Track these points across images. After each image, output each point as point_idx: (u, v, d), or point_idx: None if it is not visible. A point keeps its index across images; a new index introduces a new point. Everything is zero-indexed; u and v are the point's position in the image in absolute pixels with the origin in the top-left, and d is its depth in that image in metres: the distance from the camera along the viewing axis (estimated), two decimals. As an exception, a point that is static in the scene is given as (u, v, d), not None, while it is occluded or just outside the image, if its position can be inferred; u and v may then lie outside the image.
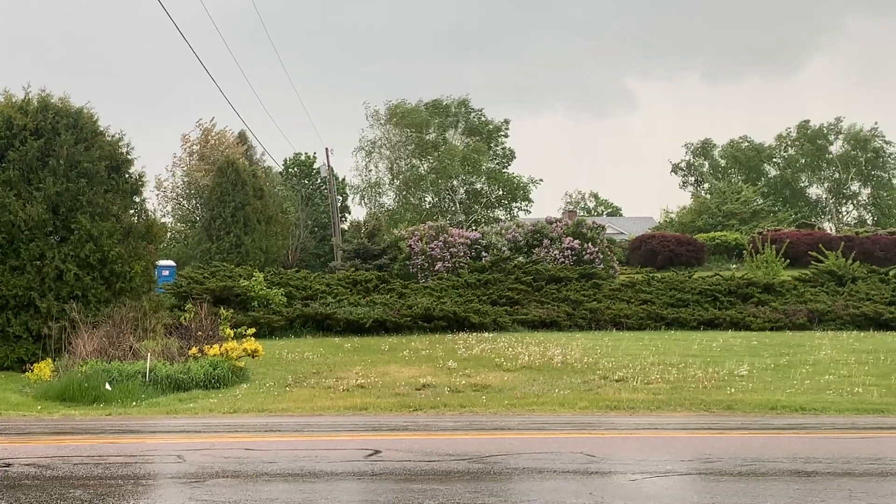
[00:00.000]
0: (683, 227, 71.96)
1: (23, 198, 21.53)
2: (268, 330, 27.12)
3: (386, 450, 10.74)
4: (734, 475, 9.16)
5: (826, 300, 31.41)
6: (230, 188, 49.86)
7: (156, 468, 10.07)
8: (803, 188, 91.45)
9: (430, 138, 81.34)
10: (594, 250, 42.55)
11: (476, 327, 28.30)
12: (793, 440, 12.07)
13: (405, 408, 15.66)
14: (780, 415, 14.74)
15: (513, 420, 14.28)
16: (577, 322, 29.52)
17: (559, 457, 10.27)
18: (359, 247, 46.35)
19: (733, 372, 18.84)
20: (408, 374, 19.42)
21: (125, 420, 14.93)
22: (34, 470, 9.36)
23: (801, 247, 47.70)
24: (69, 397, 16.88)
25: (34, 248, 21.36)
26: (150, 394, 17.28)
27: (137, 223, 23.33)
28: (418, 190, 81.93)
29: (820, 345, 23.35)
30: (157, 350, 19.48)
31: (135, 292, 22.30)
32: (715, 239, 59.69)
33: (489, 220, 73.42)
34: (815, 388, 17.01)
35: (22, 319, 21.28)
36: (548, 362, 20.45)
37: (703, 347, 23.14)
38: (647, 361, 20.41)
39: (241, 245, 48.50)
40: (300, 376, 19.41)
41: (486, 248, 43.26)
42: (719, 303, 31.73)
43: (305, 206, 65.17)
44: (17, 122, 21.98)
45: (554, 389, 17.21)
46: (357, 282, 34.49)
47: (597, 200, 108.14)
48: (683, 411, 15.12)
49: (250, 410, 15.67)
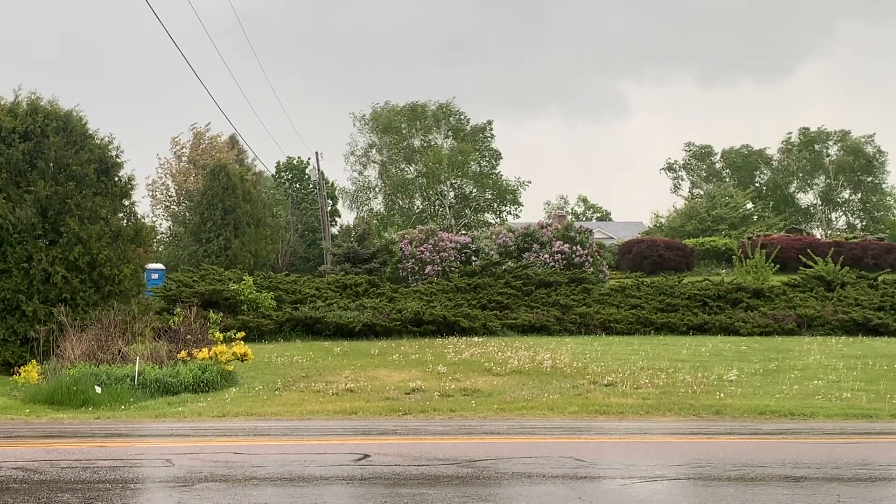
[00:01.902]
0: (673, 231, 72.18)
1: (12, 200, 21.46)
2: (257, 334, 27.10)
3: (375, 454, 10.72)
4: (724, 480, 9.16)
5: (815, 305, 31.47)
6: (220, 192, 49.83)
7: (144, 472, 10.03)
8: (794, 193, 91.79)
9: (416, 143, 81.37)
10: (584, 253, 42.64)
11: (466, 332, 28.31)
12: (782, 445, 12.08)
13: (395, 412, 15.63)
14: (769, 420, 14.75)
15: (502, 424, 14.26)
16: (566, 326, 29.53)
17: (548, 461, 10.26)
18: (349, 251, 46.34)
19: (723, 377, 18.86)
20: (397, 378, 19.40)
21: (114, 424, 14.88)
22: (22, 473, 9.31)
23: (790, 252, 47.88)
24: (58, 401, 16.81)
25: (21, 250, 21.29)
26: (138, 397, 17.24)
27: (126, 226, 23.27)
28: (407, 194, 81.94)
29: (809, 350, 23.39)
30: (146, 353, 19.43)
31: (124, 295, 22.25)
32: (704, 244, 59.84)
33: (479, 225, 73.46)
34: (804, 394, 17.03)
35: (8, 323, 21.23)
36: (537, 367, 20.45)
37: (692, 352, 23.17)
38: (636, 366, 20.43)
39: (230, 248, 48.43)
40: (289, 380, 19.38)
41: (476, 252, 43.31)
42: (708, 308, 31.76)
43: (296, 209, 65.12)
44: (5, 125, 21.92)
45: (543, 394, 17.20)
46: (347, 285, 34.47)
47: (585, 205, 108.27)
48: (673, 416, 15.13)
49: (239, 414, 15.63)
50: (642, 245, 55.94)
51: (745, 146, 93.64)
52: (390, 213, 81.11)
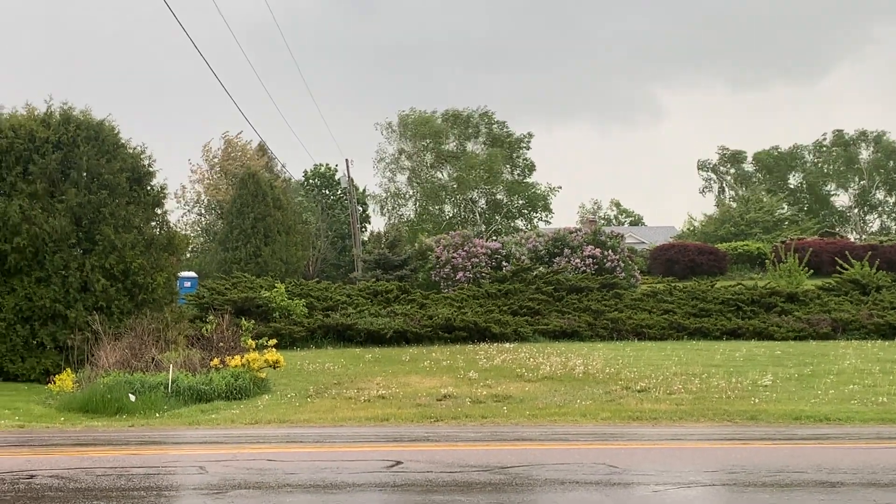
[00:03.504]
0: (706, 236, 71.76)
1: (47, 210, 21.65)
2: (289, 341, 27.18)
3: (407, 461, 10.70)
4: (759, 486, 9.08)
5: (850, 309, 31.17)
6: (250, 199, 50.04)
7: (178, 479, 10.07)
8: (827, 196, 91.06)
9: (450, 148, 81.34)
10: (615, 258, 42.49)
11: (497, 338, 28.25)
12: (818, 451, 11.95)
13: (426, 418, 15.62)
14: (804, 425, 14.62)
15: (534, 431, 14.22)
16: (598, 332, 29.42)
17: (581, 468, 10.21)
18: (379, 257, 46.42)
19: (757, 382, 18.71)
20: (429, 384, 19.39)
21: (148, 431, 14.96)
22: (58, 482, 9.37)
23: (824, 256, 47.46)
24: (92, 409, 16.94)
25: (59, 259, 21.47)
26: (172, 405, 17.33)
27: (159, 235, 23.44)
28: (438, 201, 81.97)
29: (844, 354, 23.16)
30: (180, 361, 19.53)
31: (157, 303, 22.40)
32: (737, 248, 59.42)
33: (509, 231, 73.32)
34: (839, 398, 16.87)
35: (48, 331, 21.39)
36: (569, 373, 20.38)
37: (725, 357, 23.00)
38: (669, 372, 20.31)
39: (260, 255, 48.61)
40: (321, 387, 19.41)
41: (507, 257, 43.23)
42: (742, 312, 31.53)
43: (326, 216, 65.31)
44: (38, 135, 22.13)
45: (576, 400, 17.14)
46: (378, 292, 34.50)
47: (618, 209, 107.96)
48: (706, 422, 15.02)
49: (272, 421, 15.68)
50: (674, 249, 55.64)
51: (773, 147, 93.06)
52: (421, 219, 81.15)
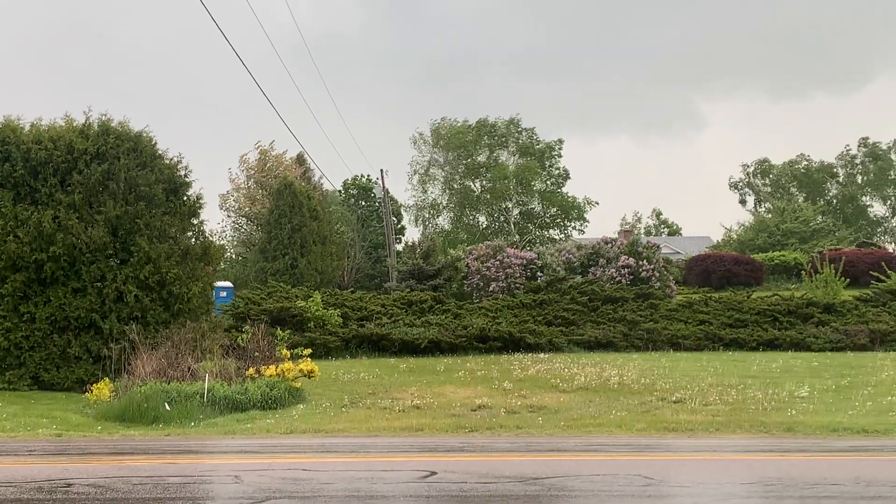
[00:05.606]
0: (742, 245, 71.30)
1: (84, 220, 21.85)
2: (324, 350, 27.25)
3: (442, 471, 10.70)
4: (796, 498, 9.01)
5: (888, 320, 30.85)
6: (287, 210, 50.25)
7: (214, 489, 10.13)
8: (864, 206, 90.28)
9: (481, 159, 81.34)
10: (650, 268, 42.31)
11: (531, 348, 28.20)
12: (856, 463, 11.83)
13: (461, 429, 15.60)
14: (841, 437, 14.47)
15: (569, 442, 14.17)
16: (633, 343, 29.30)
17: (616, 479, 10.17)
18: (414, 267, 46.45)
19: (794, 393, 18.56)
20: (463, 394, 19.38)
21: (183, 440, 15.05)
22: (94, 490, 9.46)
23: (861, 266, 47.02)
24: (128, 418, 17.05)
25: (95, 270, 21.66)
26: (208, 414, 17.42)
27: (195, 245, 23.56)
28: (472, 211, 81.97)
29: (882, 366, 22.93)
30: (215, 371, 19.62)
31: (193, 313, 22.52)
32: (773, 258, 59.00)
33: (544, 241, 73.15)
34: (877, 410, 16.69)
35: (83, 340, 21.58)
36: (604, 383, 20.30)
37: (762, 368, 22.84)
38: (705, 383, 20.18)
39: (296, 266, 48.81)
40: (356, 397, 19.45)
41: (542, 268, 43.15)
42: (779, 323, 31.29)
43: (361, 227, 65.48)
44: (77, 147, 22.34)
45: (611, 411, 17.06)
46: (412, 302, 34.55)
47: (658, 219, 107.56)
48: (743, 433, 14.90)
49: (307, 431, 15.72)
50: (710, 260, 55.34)
51: (801, 155, 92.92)
52: (456, 229, 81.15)
